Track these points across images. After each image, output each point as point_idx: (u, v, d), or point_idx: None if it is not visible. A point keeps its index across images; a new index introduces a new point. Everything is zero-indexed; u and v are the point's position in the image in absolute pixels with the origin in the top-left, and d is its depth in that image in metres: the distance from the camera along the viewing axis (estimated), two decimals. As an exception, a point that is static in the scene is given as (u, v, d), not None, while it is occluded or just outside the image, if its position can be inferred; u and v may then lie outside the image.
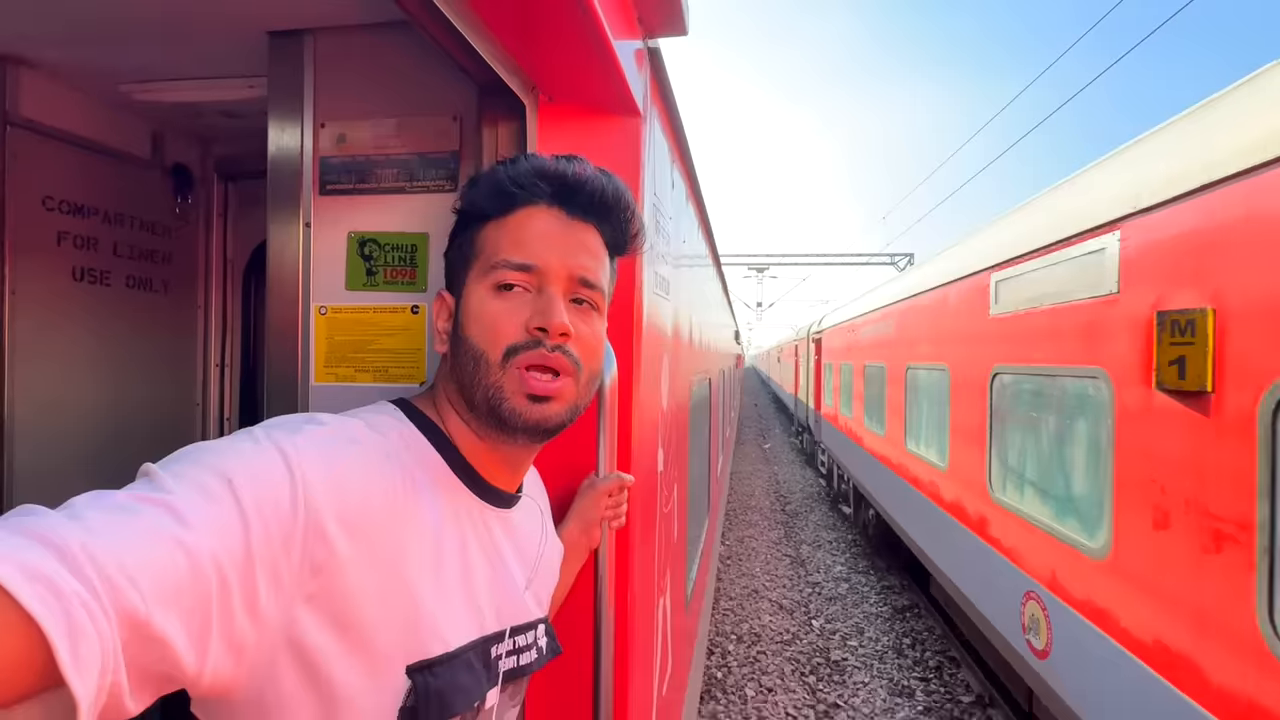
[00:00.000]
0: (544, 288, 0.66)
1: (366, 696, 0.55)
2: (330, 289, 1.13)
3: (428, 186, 1.11)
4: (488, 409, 0.64)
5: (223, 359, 1.84)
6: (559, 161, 0.69)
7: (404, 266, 1.12)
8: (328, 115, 1.13)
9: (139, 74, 1.31)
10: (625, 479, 0.98)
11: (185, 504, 0.45)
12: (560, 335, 0.64)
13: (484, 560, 0.67)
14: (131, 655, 0.40)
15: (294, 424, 0.56)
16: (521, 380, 0.63)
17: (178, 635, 0.42)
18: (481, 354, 0.64)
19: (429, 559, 0.60)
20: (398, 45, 1.11)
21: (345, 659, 0.53)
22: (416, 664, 0.58)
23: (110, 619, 0.38)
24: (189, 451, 0.50)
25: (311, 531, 0.50)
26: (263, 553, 0.47)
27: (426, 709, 0.57)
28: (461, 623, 0.63)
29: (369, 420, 0.62)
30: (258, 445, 0.51)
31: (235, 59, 1.22)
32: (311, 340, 1.14)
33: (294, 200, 1.13)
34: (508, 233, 0.67)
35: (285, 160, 1.13)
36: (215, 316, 1.81)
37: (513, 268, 0.65)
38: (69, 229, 1.43)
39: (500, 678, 0.67)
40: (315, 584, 0.51)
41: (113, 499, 0.44)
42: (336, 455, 0.55)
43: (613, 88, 0.96)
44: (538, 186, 0.67)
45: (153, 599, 0.40)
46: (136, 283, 1.60)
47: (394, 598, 0.56)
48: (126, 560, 0.40)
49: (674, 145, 1.55)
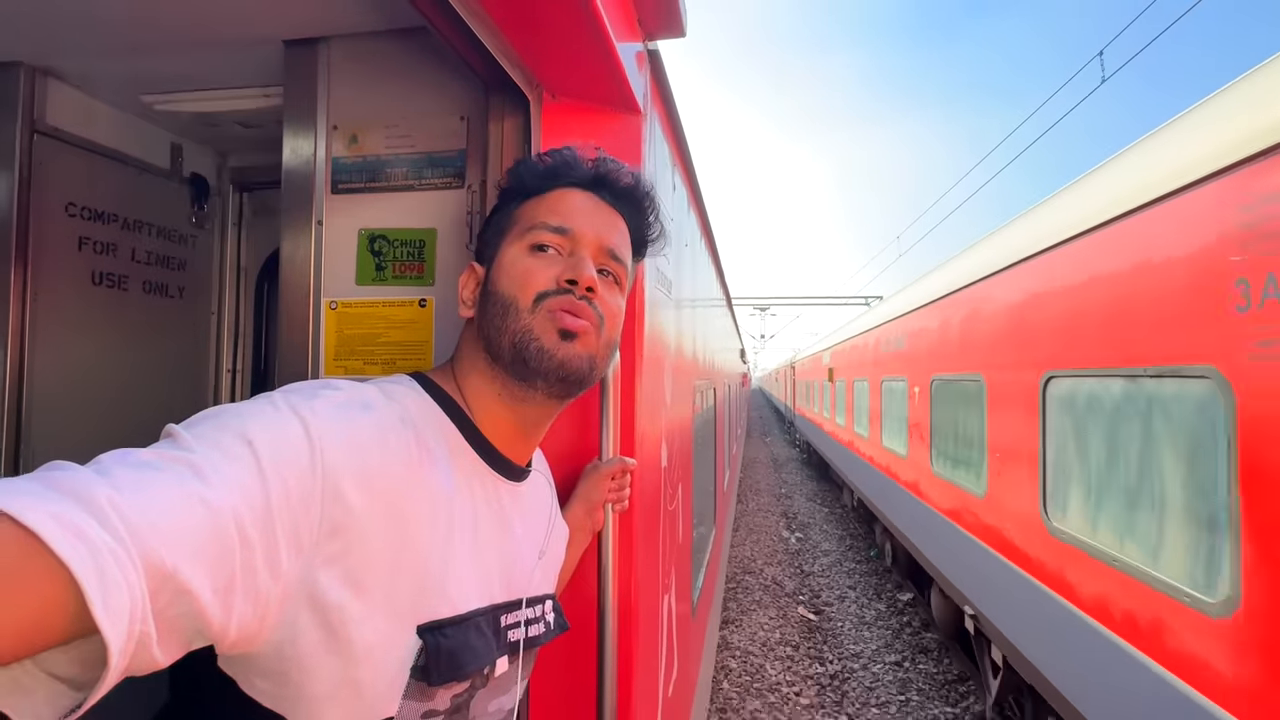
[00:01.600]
0: (575, 250, 0.71)
1: (382, 654, 0.56)
2: (341, 284, 1.17)
3: (435, 184, 1.15)
4: (514, 353, 0.67)
5: (234, 364, 1.88)
6: (597, 156, 0.77)
7: (412, 261, 1.16)
8: (340, 118, 1.18)
9: (161, 85, 1.37)
10: (628, 462, 1.00)
11: (207, 462, 0.46)
12: (588, 289, 0.68)
13: (495, 530, 0.69)
14: (159, 606, 0.41)
15: (310, 389, 0.58)
16: (551, 317, 0.67)
17: (203, 588, 0.43)
18: (512, 300, 0.68)
19: (441, 524, 0.62)
20: (408, 50, 1.15)
21: (362, 617, 0.54)
22: (427, 624, 0.59)
23: (138, 569, 0.39)
24: (210, 414, 0.52)
25: (329, 492, 0.52)
26: (282, 511, 0.49)
27: (438, 667, 0.59)
28: (472, 588, 0.64)
29: (384, 388, 0.64)
30: (276, 409, 0.53)
31: (253, 69, 1.27)
32: (322, 334, 1.17)
33: (307, 200, 1.17)
34: (546, 204, 0.73)
35: (299, 163, 1.18)
36: (228, 322, 1.85)
37: (549, 229, 0.70)
38: (89, 234, 1.47)
39: (509, 647, 0.68)
40: (334, 545, 0.53)
41: (137, 456, 0.45)
42: (352, 419, 0.57)
43: (614, 84, 1.00)
44: (574, 172, 0.75)
45: (179, 552, 0.42)
46: (153, 288, 1.64)
47: (407, 559, 0.58)
48: (152, 514, 0.41)
49: (674, 148, 1.59)
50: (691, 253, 2.10)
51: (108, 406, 1.52)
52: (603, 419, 1.00)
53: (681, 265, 1.80)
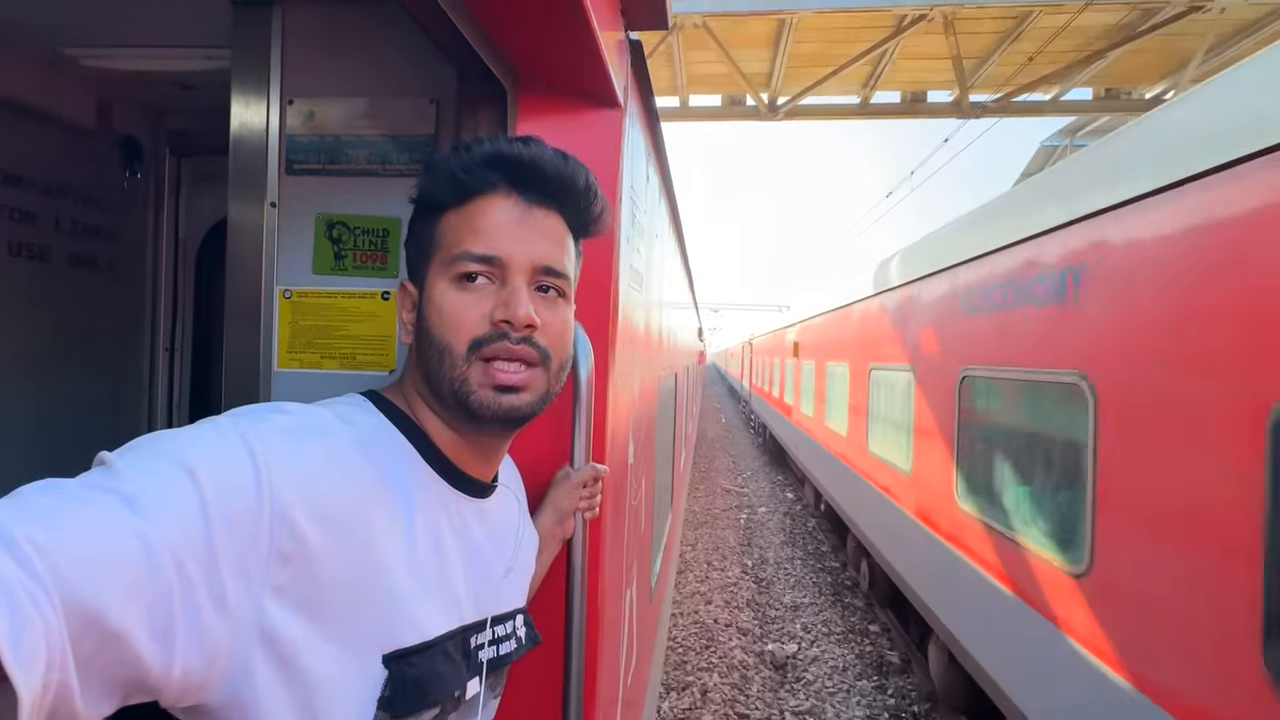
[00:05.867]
0: (507, 278, 0.64)
1: (344, 687, 0.54)
2: (296, 272, 1.10)
3: (402, 170, 1.08)
4: (455, 401, 0.63)
5: (173, 342, 1.76)
6: (514, 145, 0.66)
7: (375, 251, 1.10)
8: (296, 92, 1.09)
9: (86, 37, 1.23)
10: (600, 470, 0.99)
11: (142, 493, 0.43)
12: (526, 327, 0.63)
13: (460, 550, 0.66)
14: (86, 654, 0.38)
15: (259, 414, 0.54)
16: (487, 373, 0.63)
17: (138, 630, 0.40)
18: (446, 347, 0.63)
19: (402, 549, 0.59)
20: (372, 22, 1.07)
21: (319, 650, 0.52)
22: (392, 653, 0.57)
23: (58, 611, 0.36)
24: (148, 440, 0.48)
25: (278, 522, 0.49)
26: (225, 544, 0.46)
27: (405, 698, 0.57)
28: (438, 613, 0.62)
29: (338, 411, 0.61)
30: (221, 435, 0.50)
31: (195, 27, 1.16)
32: (275, 324, 1.10)
33: (258, 179, 1.08)
34: (466, 222, 0.65)
35: (249, 137, 1.08)
36: (165, 298, 1.73)
37: (474, 259, 0.63)
38: (4, 200, 1.34)
39: (479, 668, 0.66)
40: (284, 575, 0.50)
41: (64, 487, 0.41)
42: (304, 446, 0.54)
43: (595, 77, 0.96)
44: (492, 174, 0.65)
45: (106, 592, 0.38)
46: (79, 260, 1.51)
47: (367, 588, 0.56)
48: (75, 550, 0.38)
49: (649, 139, 1.55)
50: (661, 242, 2.07)
51: (29, 389, 1.40)
52: (574, 425, 0.98)
53: (652, 256, 1.78)
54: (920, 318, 3.91)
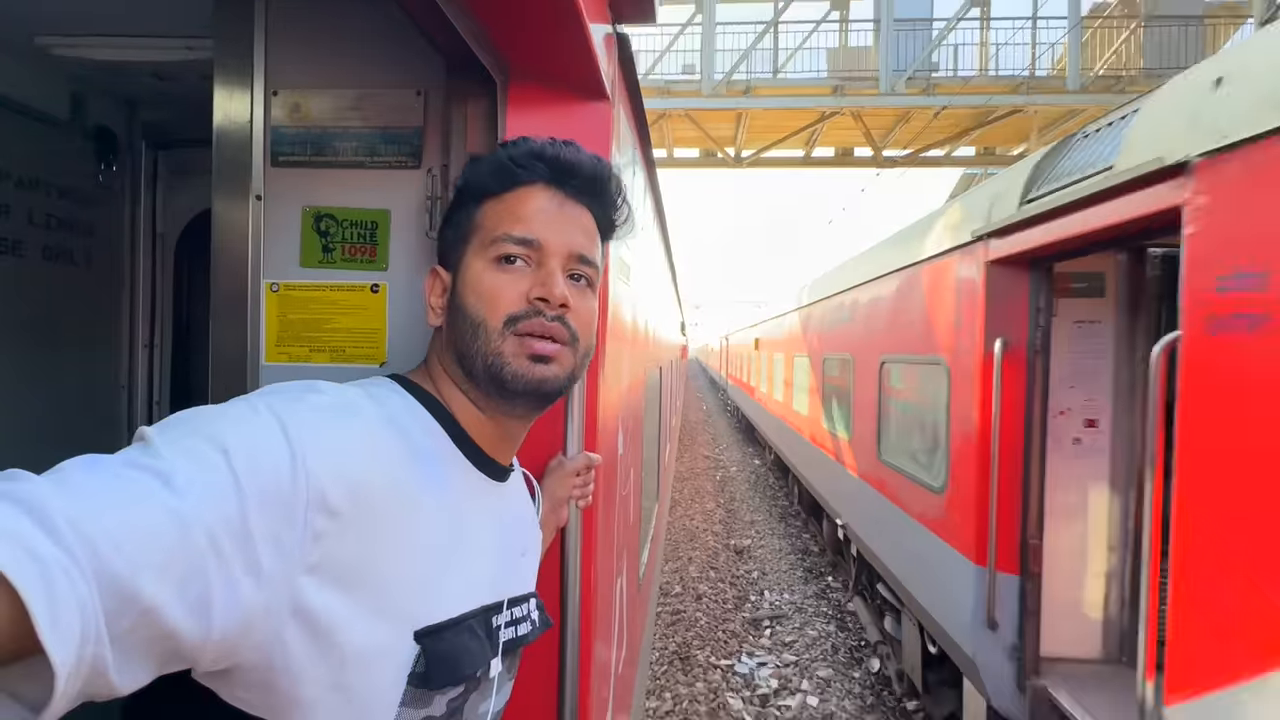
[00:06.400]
0: (544, 262, 0.67)
1: (376, 661, 0.55)
2: (283, 265, 1.09)
3: (389, 162, 1.08)
4: (488, 376, 0.65)
5: (151, 338, 1.73)
6: (556, 145, 0.71)
7: (363, 244, 1.09)
8: (281, 83, 1.08)
9: (59, 26, 1.20)
10: (593, 459, 1.00)
11: (178, 471, 0.44)
12: (560, 306, 0.66)
13: (483, 530, 0.68)
14: (122, 627, 0.39)
15: (294, 393, 0.55)
16: (522, 344, 0.65)
17: (173, 605, 0.41)
18: (482, 321, 0.65)
19: (431, 527, 0.61)
20: (358, 12, 1.06)
21: (354, 624, 0.53)
22: (424, 629, 0.59)
23: (91, 586, 0.37)
24: (185, 417, 0.49)
25: (313, 501, 0.50)
26: (260, 522, 0.47)
27: (438, 672, 0.58)
28: (463, 590, 0.64)
29: (369, 391, 0.62)
30: (256, 414, 0.51)
31: (174, 17, 1.14)
32: (262, 318, 1.09)
33: (243, 172, 1.07)
34: (508, 208, 0.68)
35: (233, 130, 1.07)
36: (144, 293, 1.70)
37: (514, 241, 0.66)
38: (-25, 193, 1.30)
39: (500, 648, 0.68)
40: (318, 552, 0.51)
41: (104, 463, 0.43)
42: (337, 424, 0.55)
43: (585, 70, 0.96)
44: (536, 166, 0.69)
45: (142, 568, 0.40)
46: (54, 254, 1.48)
47: (398, 565, 0.57)
48: (113, 528, 0.39)
49: (636, 133, 1.56)
50: (646, 235, 2.08)
51: (3, 385, 1.37)
52: (567, 414, 0.99)
53: (638, 249, 1.79)
54: (813, 325, 6.44)
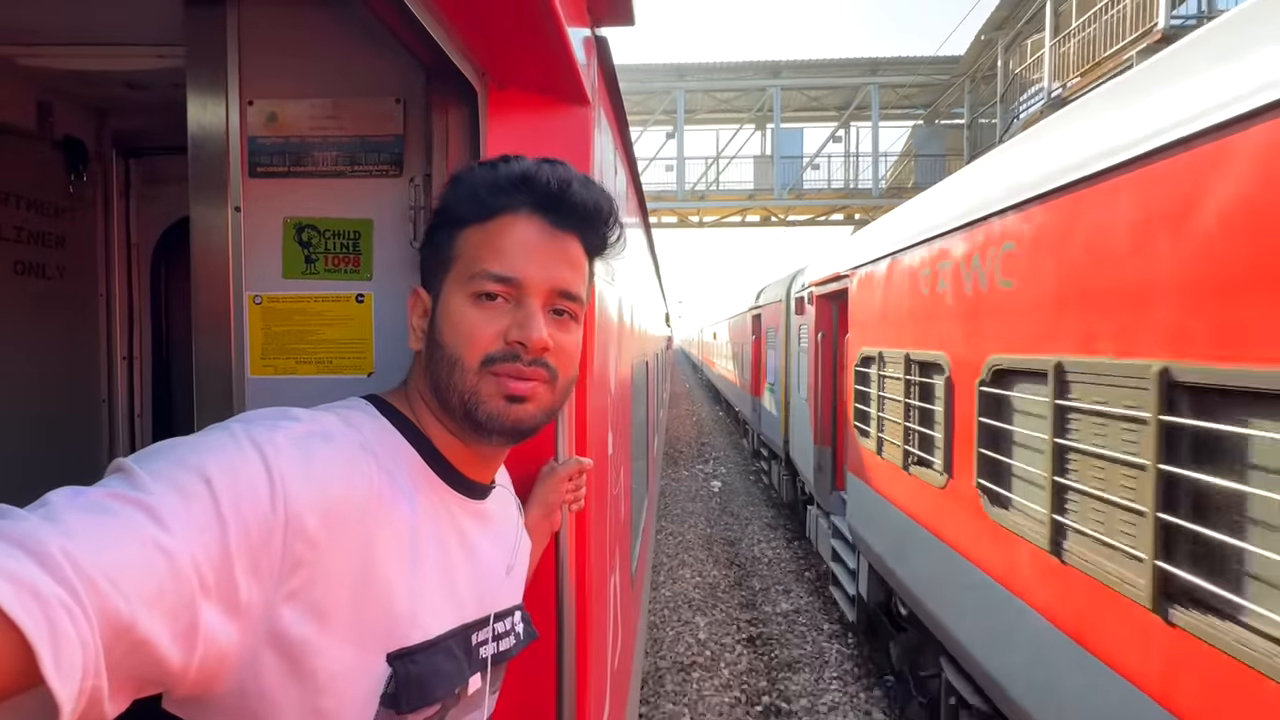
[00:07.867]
0: (524, 300, 0.65)
1: (349, 684, 0.56)
2: (265, 277, 1.08)
3: (370, 171, 1.07)
4: (463, 413, 0.65)
5: (130, 351, 1.70)
6: (542, 169, 0.67)
7: (346, 254, 1.09)
8: (256, 93, 1.06)
9: (26, 35, 1.17)
10: (584, 463, 1.01)
11: (163, 504, 0.45)
12: (540, 350, 0.64)
13: (461, 550, 0.68)
14: (115, 659, 0.40)
15: (269, 420, 0.56)
16: (499, 383, 0.64)
17: (162, 637, 0.43)
18: (458, 359, 0.64)
19: (406, 551, 0.61)
20: (333, 21, 1.05)
21: (327, 650, 0.54)
22: (396, 652, 0.59)
23: (93, 623, 0.38)
24: (165, 447, 0.50)
25: (292, 528, 0.51)
26: (242, 551, 0.48)
27: (408, 695, 0.59)
28: (440, 611, 0.64)
29: (343, 415, 0.62)
30: (236, 442, 0.51)
31: (144, 25, 1.12)
32: (245, 331, 1.08)
33: (220, 183, 1.05)
34: (488, 241, 0.66)
35: (208, 140, 1.05)
36: (120, 305, 1.67)
37: (493, 279, 0.64)
38: (-59, 208, 1.27)
39: (480, 664, 0.69)
40: (296, 580, 0.52)
41: (89, 498, 0.43)
42: (313, 452, 0.55)
43: (565, 75, 0.96)
44: (519, 195, 0.66)
45: (137, 603, 0.41)
46: (26, 268, 1.45)
47: (373, 589, 0.58)
48: (108, 565, 0.40)
49: (617, 134, 1.56)
50: (630, 233, 2.09)
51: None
52: (557, 420, 1.00)
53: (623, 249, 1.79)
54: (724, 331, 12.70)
